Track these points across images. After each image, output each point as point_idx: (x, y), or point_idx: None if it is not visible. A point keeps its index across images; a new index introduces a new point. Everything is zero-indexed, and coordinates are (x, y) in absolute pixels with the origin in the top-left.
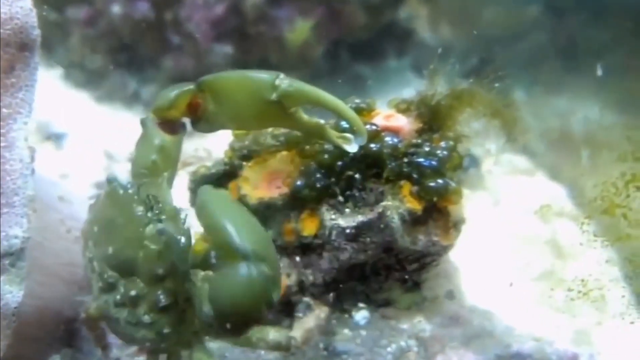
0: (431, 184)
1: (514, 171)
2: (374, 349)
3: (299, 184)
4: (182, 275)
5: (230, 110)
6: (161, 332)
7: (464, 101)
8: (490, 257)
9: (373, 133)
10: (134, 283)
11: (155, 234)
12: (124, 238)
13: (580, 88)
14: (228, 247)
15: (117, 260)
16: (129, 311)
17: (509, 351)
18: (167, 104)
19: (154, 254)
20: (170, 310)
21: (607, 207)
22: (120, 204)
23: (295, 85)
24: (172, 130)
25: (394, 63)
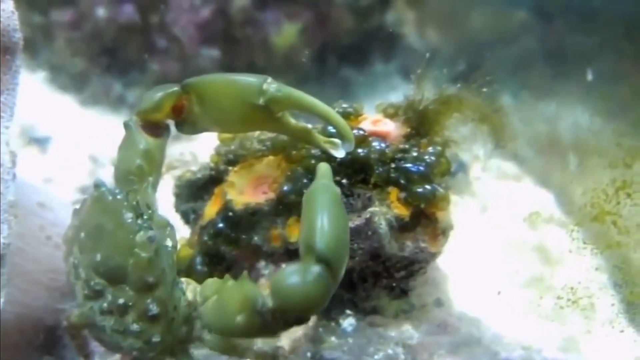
0: (419, 189)
1: (502, 177)
2: (362, 357)
3: (286, 189)
4: (171, 284)
5: (215, 113)
6: (150, 341)
7: (452, 106)
8: (479, 264)
9: (360, 138)
10: (123, 291)
11: (146, 241)
12: (113, 245)
13: (569, 93)
14: (312, 247)
15: (105, 267)
16: (115, 319)
17: (498, 359)
18: (151, 106)
19: (144, 262)
20: (160, 319)
21: (597, 214)
22: (109, 210)
23: (283, 90)
24: (156, 133)
25: (382, 67)
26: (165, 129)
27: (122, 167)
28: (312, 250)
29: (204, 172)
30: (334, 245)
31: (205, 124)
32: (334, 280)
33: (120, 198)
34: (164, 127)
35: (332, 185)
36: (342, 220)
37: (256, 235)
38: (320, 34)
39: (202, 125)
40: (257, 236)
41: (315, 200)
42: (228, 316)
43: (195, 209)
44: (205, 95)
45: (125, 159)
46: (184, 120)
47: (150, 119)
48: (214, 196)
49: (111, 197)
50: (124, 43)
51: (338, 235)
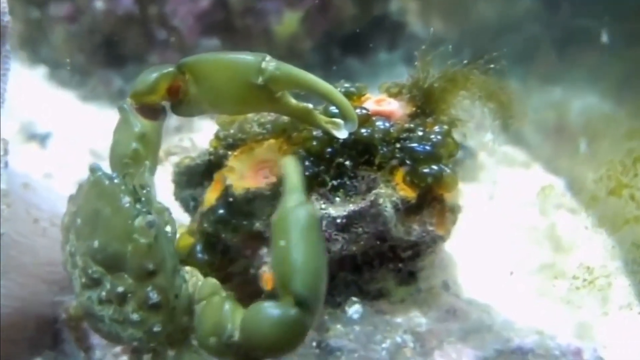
0: (425, 170)
1: (511, 163)
2: (368, 345)
3: None
4: (172, 271)
5: (212, 94)
6: (150, 330)
7: (458, 84)
8: (488, 249)
9: (363, 117)
10: (122, 279)
11: (145, 226)
12: (110, 231)
13: (577, 78)
14: (288, 285)
15: (103, 255)
16: (115, 308)
17: (510, 346)
18: (146, 88)
19: (144, 248)
20: (161, 307)
21: (614, 187)
22: (105, 194)
23: (282, 68)
24: (152, 115)
25: (385, 56)
26: (161, 111)
27: (117, 151)
28: (288, 290)
29: (203, 158)
30: (312, 284)
31: (202, 106)
32: (311, 317)
33: (118, 182)
34: (159, 109)
35: (304, 204)
36: (318, 250)
37: (258, 221)
38: (322, 22)
39: (199, 107)
40: (259, 222)
41: (287, 229)
42: (203, 333)
43: (195, 196)
44: (202, 75)
45: (120, 143)
46: (180, 102)
47: (146, 101)
48: (214, 182)
49: (108, 181)
50: (123, 35)
51: (315, 271)
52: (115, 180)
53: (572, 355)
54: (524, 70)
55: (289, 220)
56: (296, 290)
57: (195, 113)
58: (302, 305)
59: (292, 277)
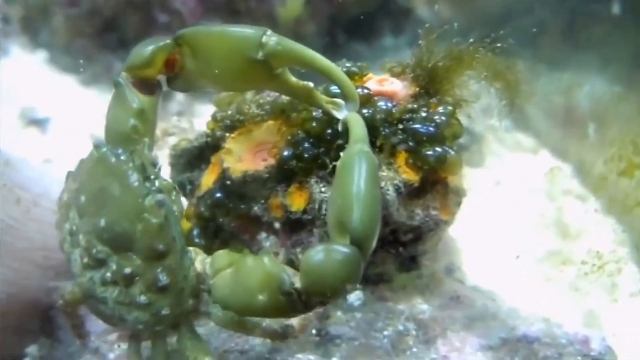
0: (428, 152)
1: (518, 149)
2: (370, 333)
3: (286, 154)
4: (180, 252)
5: (210, 68)
6: (158, 313)
7: (464, 63)
8: (493, 235)
9: (365, 97)
10: (129, 259)
11: (155, 205)
12: (119, 210)
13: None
14: (347, 224)
15: (109, 234)
16: (120, 290)
17: (515, 334)
18: (142, 61)
19: (154, 228)
20: (170, 290)
21: (625, 168)
22: (113, 172)
23: (283, 43)
24: (149, 90)
25: (391, 41)
26: (157, 85)
27: (114, 128)
28: (347, 229)
29: (200, 140)
30: (370, 227)
31: (199, 81)
32: (365, 259)
33: (125, 159)
34: (155, 83)
35: (369, 153)
36: (377, 196)
37: (256, 205)
38: (327, 5)
39: (196, 82)
40: (257, 206)
41: (351, 171)
42: (248, 294)
43: (192, 179)
44: (199, 48)
45: (117, 120)
46: (176, 76)
47: (142, 75)
48: (211, 165)
49: (114, 158)
50: (124, 19)
51: (374, 215)
52: (121, 157)
53: (579, 344)
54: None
55: (354, 162)
56: (356, 229)
57: (192, 88)
58: (358, 244)
59: (351, 218)
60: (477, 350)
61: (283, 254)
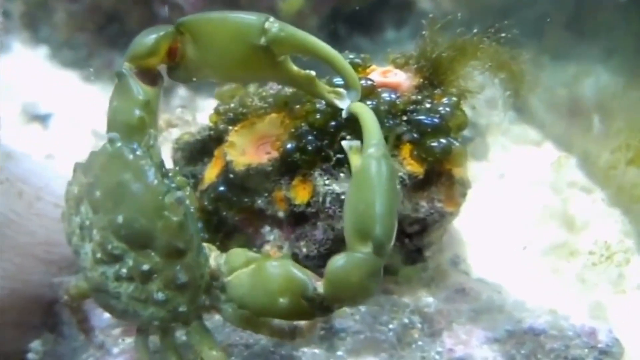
0: (433, 143)
1: (522, 141)
2: (375, 326)
3: (289, 147)
4: (197, 249)
5: (211, 56)
6: (175, 310)
7: (468, 53)
8: (499, 228)
9: (368, 89)
10: (148, 256)
11: (175, 203)
12: (138, 207)
13: (590, 56)
14: (369, 232)
15: (128, 230)
16: (136, 286)
17: (522, 327)
18: (146, 50)
19: (175, 226)
20: (188, 288)
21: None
22: (131, 168)
23: (286, 29)
24: (151, 81)
25: (393, 34)
26: (159, 76)
27: (119, 119)
28: (369, 236)
29: (203, 134)
30: (391, 235)
31: (200, 70)
32: (383, 264)
33: (142, 155)
34: (157, 74)
35: (388, 157)
36: (396, 200)
37: (259, 198)
38: None
39: (197, 71)
40: (261, 199)
41: (370, 177)
42: (268, 296)
43: (195, 173)
44: (201, 34)
45: (122, 112)
46: (177, 65)
47: (145, 65)
48: (214, 158)
49: (131, 154)
50: (125, 14)
51: (394, 223)
52: (138, 152)
53: (586, 336)
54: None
55: (372, 167)
56: (378, 237)
57: (193, 78)
58: (379, 252)
59: (374, 226)
60: (483, 343)
61: (287, 247)
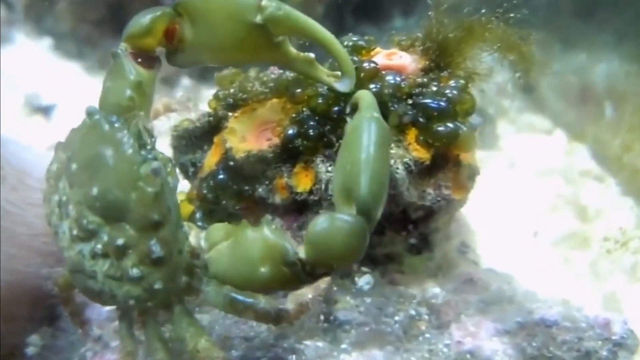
0: (440, 128)
1: (532, 130)
2: (380, 318)
3: (291, 133)
4: (175, 224)
5: (209, 37)
6: (151, 288)
7: (475, 34)
8: (509, 217)
9: (372, 72)
10: (122, 230)
11: (151, 174)
12: (112, 177)
13: (601, 43)
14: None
15: (102, 202)
16: (111, 262)
17: (533, 318)
18: (142, 30)
19: (150, 197)
20: (164, 263)
21: None
22: (107, 139)
23: (284, 9)
24: (147, 63)
25: (401, 22)
26: (156, 59)
27: (110, 99)
28: (354, 198)
29: (202, 120)
30: (377, 197)
31: (199, 52)
32: (370, 228)
33: (119, 126)
34: (154, 57)
35: (380, 119)
36: (386, 163)
37: (260, 186)
38: None
39: (196, 54)
40: (262, 187)
41: (360, 136)
42: (249, 266)
43: (195, 161)
44: (198, 15)
45: (113, 91)
46: (175, 49)
47: (141, 46)
48: (214, 145)
49: (108, 125)
50: (129, 4)
51: (382, 184)
52: (116, 124)
53: (600, 327)
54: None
55: (364, 128)
56: (363, 199)
57: (191, 62)
58: (365, 214)
59: (359, 187)
60: (492, 335)
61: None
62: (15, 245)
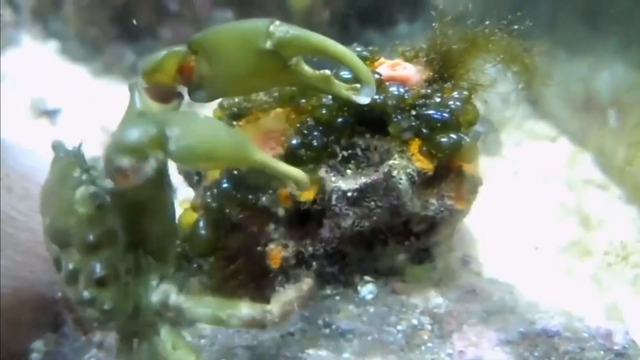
0: (443, 139)
1: (536, 138)
2: (382, 328)
3: (294, 142)
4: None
5: (224, 70)
6: (102, 308)
7: (479, 46)
8: (512, 226)
9: (376, 83)
10: (71, 255)
11: (87, 196)
12: (57, 205)
13: (605, 50)
14: None
15: (53, 231)
16: (73, 288)
17: (535, 328)
18: (153, 66)
19: (84, 219)
20: (109, 283)
21: None
22: (60, 169)
23: (292, 31)
24: (161, 98)
25: (406, 28)
26: (174, 95)
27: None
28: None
29: None
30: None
31: (218, 87)
32: None
33: (71, 155)
34: (172, 92)
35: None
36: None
37: (264, 196)
38: None
39: (215, 89)
40: (265, 196)
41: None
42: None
43: (199, 170)
44: (212, 49)
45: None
46: (195, 85)
47: (155, 82)
48: None
49: (64, 155)
50: (135, 8)
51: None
52: (71, 154)
53: (602, 338)
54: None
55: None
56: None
57: (212, 97)
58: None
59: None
60: (495, 345)
61: (292, 246)
62: (20, 251)
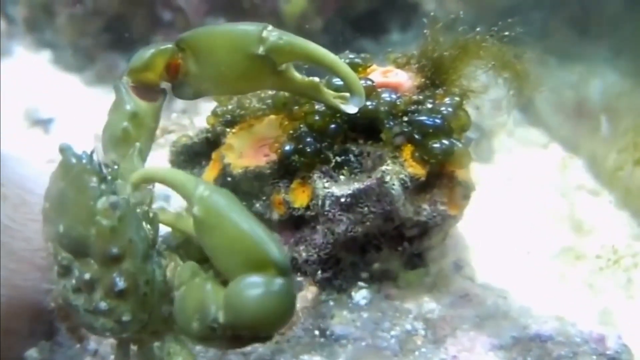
0: (435, 144)
1: (528, 144)
2: (376, 333)
3: (288, 149)
4: (142, 256)
5: (213, 71)
6: (120, 320)
7: (471, 52)
8: (504, 231)
9: (368, 89)
10: (88, 265)
11: (109, 207)
12: (74, 214)
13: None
14: (262, 258)
15: (68, 240)
16: (85, 297)
17: (527, 333)
18: (142, 64)
19: (106, 231)
20: (129, 295)
21: None
22: (71, 175)
23: (285, 37)
24: (148, 96)
25: (398, 36)
26: (159, 92)
27: (108, 132)
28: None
29: (200, 136)
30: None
31: (204, 85)
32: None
33: (85, 162)
34: (158, 90)
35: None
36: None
37: (258, 202)
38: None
39: (200, 87)
40: (259, 202)
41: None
42: (185, 319)
43: None
44: (201, 49)
45: (111, 123)
46: (180, 83)
47: (142, 80)
48: (212, 161)
49: (75, 160)
50: (128, 18)
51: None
52: (82, 159)
53: (594, 342)
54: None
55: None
56: (279, 259)
57: (197, 94)
58: (285, 273)
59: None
60: (488, 350)
61: (286, 251)
62: (15, 260)
